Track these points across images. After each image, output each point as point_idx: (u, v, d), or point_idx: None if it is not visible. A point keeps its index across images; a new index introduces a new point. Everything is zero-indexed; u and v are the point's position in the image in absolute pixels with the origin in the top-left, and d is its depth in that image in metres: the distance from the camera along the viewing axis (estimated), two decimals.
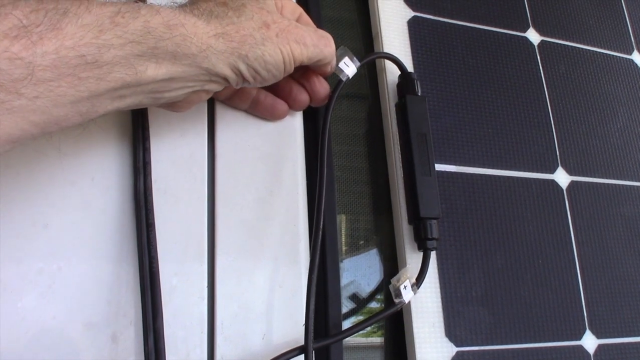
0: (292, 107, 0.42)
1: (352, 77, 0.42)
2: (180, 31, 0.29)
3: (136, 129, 0.37)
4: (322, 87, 0.42)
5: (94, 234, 0.35)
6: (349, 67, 0.42)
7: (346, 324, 0.42)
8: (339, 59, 0.41)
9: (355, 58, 0.42)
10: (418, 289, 0.40)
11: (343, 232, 0.45)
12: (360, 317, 0.44)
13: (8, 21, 0.24)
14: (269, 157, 0.41)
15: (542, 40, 0.57)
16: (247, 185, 0.40)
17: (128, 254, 0.35)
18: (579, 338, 0.47)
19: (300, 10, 0.40)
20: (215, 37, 0.31)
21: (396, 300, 0.39)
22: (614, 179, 0.55)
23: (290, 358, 0.35)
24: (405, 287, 0.39)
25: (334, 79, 0.42)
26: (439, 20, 0.52)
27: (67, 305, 0.33)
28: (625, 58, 0.62)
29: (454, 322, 0.43)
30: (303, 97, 0.41)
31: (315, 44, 0.37)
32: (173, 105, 0.35)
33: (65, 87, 0.26)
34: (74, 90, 0.26)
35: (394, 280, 0.40)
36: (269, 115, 0.41)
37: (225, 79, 0.33)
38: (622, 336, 0.48)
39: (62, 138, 0.36)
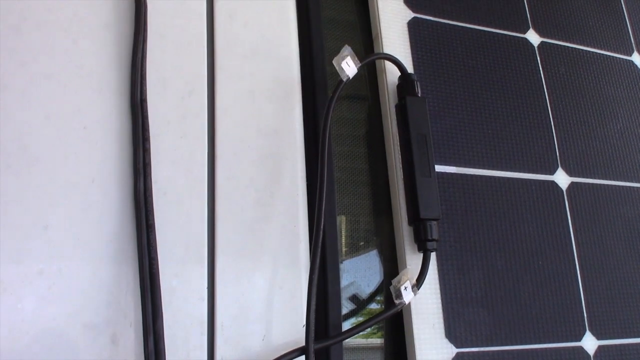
0: None
1: (353, 78, 0.42)
2: None
3: (136, 130, 0.37)
4: None
5: (94, 235, 0.35)
6: (350, 67, 0.42)
7: (346, 325, 0.42)
8: (343, 56, 0.41)
9: (356, 58, 0.42)
10: (418, 289, 0.40)
11: (343, 233, 0.45)
12: (361, 319, 0.44)
13: None
14: (269, 158, 0.41)
15: (542, 42, 0.57)
16: (247, 186, 0.40)
17: (128, 255, 0.35)
18: (579, 339, 0.47)
19: None
20: None
21: (396, 301, 0.39)
22: (613, 180, 0.55)
23: (291, 359, 0.35)
24: (405, 288, 0.39)
25: (335, 78, 0.42)
26: (439, 22, 0.52)
27: (67, 307, 0.33)
28: (625, 59, 0.62)
29: (454, 323, 0.43)
30: None
31: None
32: None
33: None
34: None
35: (394, 282, 0.40)
36: None
37: None
38: (622, 337, 0.48)
39: (63, 138, 0.36)
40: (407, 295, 0.39)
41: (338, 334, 0.38)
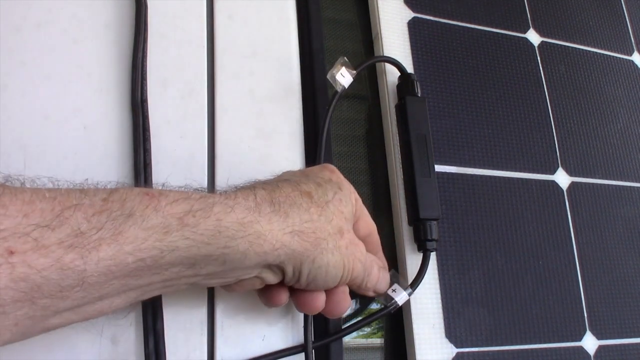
0: (300, 308, 0.35)
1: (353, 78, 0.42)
2: (255, 228, 0.28)
3: (136, 130, 0.37)
4: (344, 303, 0.35)
5: None
6: (345, 78, 0.42)
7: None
8: (337, 68, 0.41)
9: (351, 67, 0.42)
10: (413, 290, 0.40)
11: None
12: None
13: (66, 227, 0.23)
14: (269, 159, 0.41)
15: (542, 41, 0.57)
16: None
17: None
18: (580, 339, 0.47)
19: (373, 227, 0.37)
20: (291, 234, 0.29)
21: (387, 304, 0.39)
22: (614, 179, 0.55)
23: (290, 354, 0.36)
24: (394, 290, 0.39)
25: (331, 88, 0.42)
26: (439, 22, 0.52)
27: None
28: (626, 59, 0.62)
29: (454, 323, 0.43)
30: (318, 304, 0.34)
31: (374, 274, 0.34)
32: (227, 287, 0.32)
33: (116, 285, 0.25)
34: (125, 287, 0.26)
35: None
36: (266, 301, 0.35)
37: (284, 274, 0.31)
38: (623, 337, 0.48)
39: (63, 138, 0.36)
40: (400, 297, 0.39)
41: (336, 331, 0.39)
